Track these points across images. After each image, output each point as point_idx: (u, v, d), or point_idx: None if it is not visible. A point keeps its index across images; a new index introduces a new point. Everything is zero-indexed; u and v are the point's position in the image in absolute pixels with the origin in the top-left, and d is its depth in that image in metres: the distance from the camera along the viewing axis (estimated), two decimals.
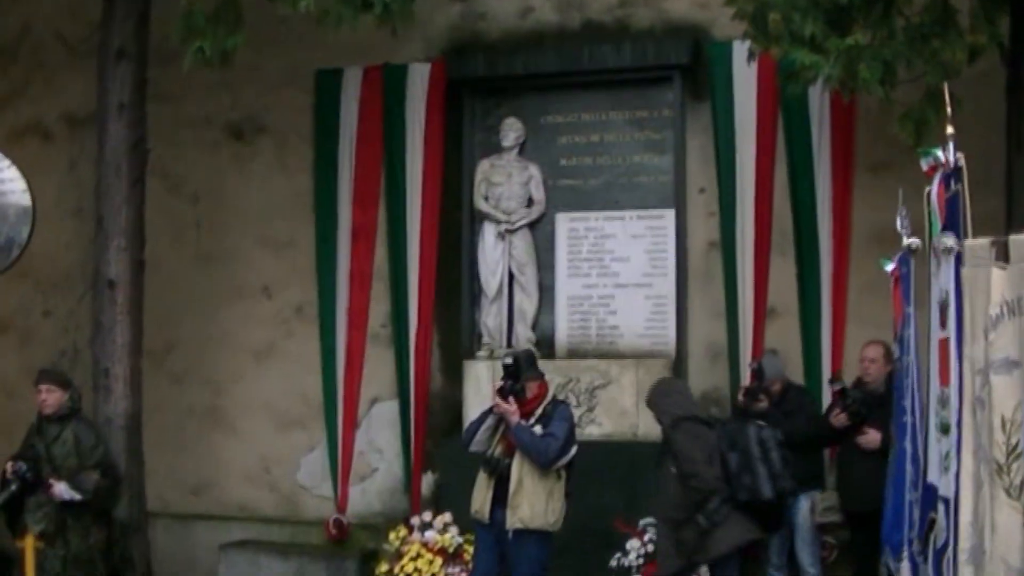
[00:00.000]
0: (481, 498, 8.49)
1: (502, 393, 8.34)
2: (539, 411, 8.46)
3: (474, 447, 8.54)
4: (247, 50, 9.44)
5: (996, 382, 3.80)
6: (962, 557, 3.68)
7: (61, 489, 8.90)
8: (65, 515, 8.96)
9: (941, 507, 5.79)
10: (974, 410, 4.27)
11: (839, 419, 8.91)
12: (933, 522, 5.95)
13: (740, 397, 9.47)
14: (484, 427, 8.50)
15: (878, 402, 8.57)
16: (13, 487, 8.82)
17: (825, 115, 10.40)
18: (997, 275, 4.15)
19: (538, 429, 8.31)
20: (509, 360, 8.51)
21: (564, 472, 8.42)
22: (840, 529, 9.38)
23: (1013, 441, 3.58)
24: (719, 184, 10.69)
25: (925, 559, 6.12)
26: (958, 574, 4.51)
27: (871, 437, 8.63)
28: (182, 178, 12.29)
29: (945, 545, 5.63)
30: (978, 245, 4.02)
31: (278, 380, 11.92)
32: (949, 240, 5.40)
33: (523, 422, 8.29)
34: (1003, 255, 4.36)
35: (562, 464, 8.36)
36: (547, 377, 8.74)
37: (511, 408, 8.30)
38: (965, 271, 4.26)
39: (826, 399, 9.58)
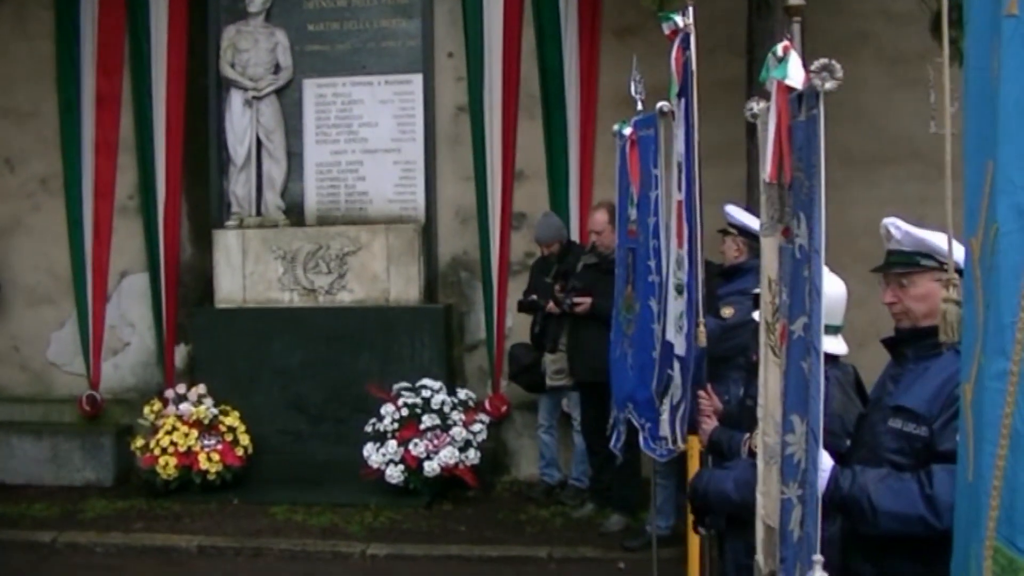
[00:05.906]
0: None
1: None
2: None
3: None
4: None
5: (764, 243, 3.51)
6: (760, 413, 3.63)
7: None
8: None
9: (676, 364, 5.76)
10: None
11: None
12: (670, 379, 5.87)
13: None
14: None
15: (610, 268, 8.03)
16: None
17: None
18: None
19: None
20: None
21: None
22: None
23: (777, 302, 3.24)
24: (467, 48, 10.23)
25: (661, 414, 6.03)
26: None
27: (584, 305, 8.38)
28: None
29: (680, 401, 5.64)
30: (763, 109, 3.63)
31: (25, 256, 11.02)
32: (665, 105, 5.60)
33: None
34: None
35: None
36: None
37: None
38: (762, 136, 3.82)
39: None
